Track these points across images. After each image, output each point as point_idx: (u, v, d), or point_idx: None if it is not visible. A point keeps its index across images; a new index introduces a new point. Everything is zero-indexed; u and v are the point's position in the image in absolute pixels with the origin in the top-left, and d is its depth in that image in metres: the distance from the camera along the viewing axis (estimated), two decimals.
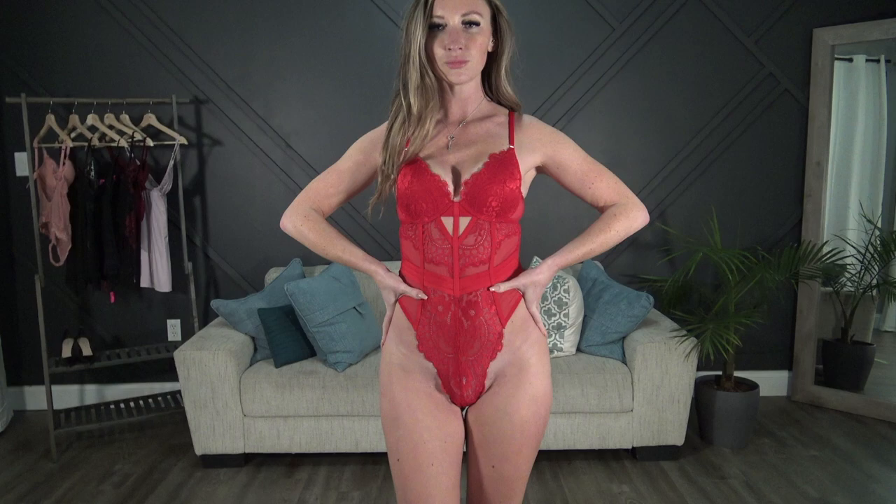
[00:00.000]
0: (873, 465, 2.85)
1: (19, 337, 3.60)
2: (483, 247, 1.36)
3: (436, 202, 1.35)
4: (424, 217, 1.36)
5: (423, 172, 1.36)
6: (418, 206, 1.36)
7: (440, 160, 1.38)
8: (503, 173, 1.35)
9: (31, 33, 3.40)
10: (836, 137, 3.48)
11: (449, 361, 1.40)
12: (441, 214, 1.36)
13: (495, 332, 1.39)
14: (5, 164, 3.48)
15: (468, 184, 1.35)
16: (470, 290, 1.37)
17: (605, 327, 2.97)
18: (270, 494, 2.68)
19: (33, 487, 2.77)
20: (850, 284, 3.41)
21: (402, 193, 1.37)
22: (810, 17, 3.44)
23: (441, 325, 1.39)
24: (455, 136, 1.41)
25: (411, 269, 1.42)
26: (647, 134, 3.54)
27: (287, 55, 3.45)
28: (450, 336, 1.38)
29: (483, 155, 1.38)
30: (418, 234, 1.38)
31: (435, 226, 1.36)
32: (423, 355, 1.42)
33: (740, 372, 3.52)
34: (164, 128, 3.30)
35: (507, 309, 1.40)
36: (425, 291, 1.40)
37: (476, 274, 1.37)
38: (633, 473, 2.80)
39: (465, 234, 1.36)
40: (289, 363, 2.93)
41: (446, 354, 1.40)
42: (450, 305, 1.37)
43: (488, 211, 1.35)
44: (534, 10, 3.43)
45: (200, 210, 3.56)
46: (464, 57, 1.33)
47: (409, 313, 1.44)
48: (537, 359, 1.44)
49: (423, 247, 1.38)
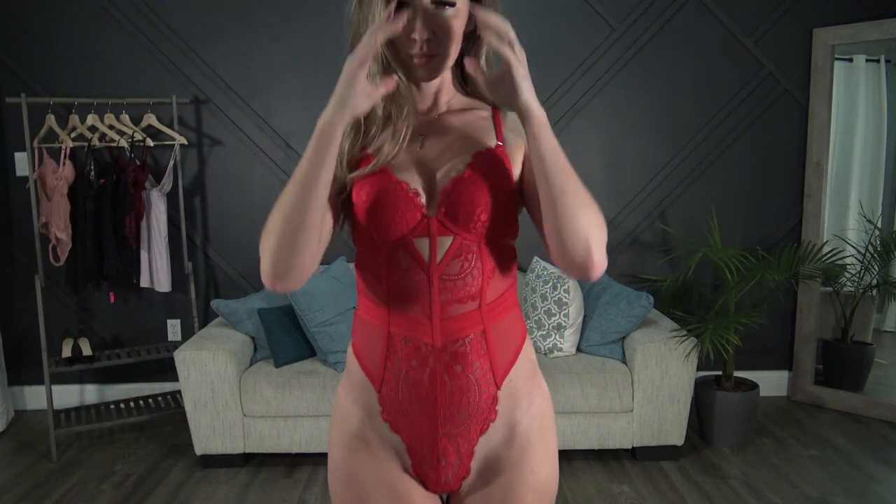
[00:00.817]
0: (873, 465, 2.85)
1: (19, 337, 3.60)
2: (471, 277, 1.02)
3: (404, 218, 1.00)
4: (389, 239, 1.02)
5: (383, 179, 1.02)
6: (380, 226, 1.01)
7: (406, 160, 1.04)
8: (494, 176, 1.02)
9: (31, 33, 3.40)
10: (836, 137, 3.48)
11: (424, 435, 1.05)
12: (412, 235, 1.01)
13: (488, 396, 1.04)
14: (5, 164, 3.48)
15: (448, 191, 1.01)
16: (455, 336, 1.02)
17: (604, 327, 2.97)
18: (270, 494, 2.68)
19: (33, 487, 2.77)
20: (850, 284, 3.41)
21: (358, 210, 1.03)
22: (810, 17, 3.44)
23: (414, 386, 1.03)
24: (427, 132, 1.08)
25: (372, 311, 1.06)
26: (647, 134, 3.54)
27: (287, 55, 3.45)
28: (426, 401, 1.03)
29: (465, 152, 1.04)
30: (381, 263, 1.03)
31: (404, 251, 1.01)
32: (388, 425, 1.06)
33: (740, 372, 3.52)
34: (164, 128, 3.30)
35: (504, 361, 1.06)
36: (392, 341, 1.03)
37: (463, 314, 1.02)
38: (633, 473, 2.80)
39: (446, 259, 1.01)
40: (289, 363, 2.93)
41: (420, 426, 1.04)
42: (427, 359, 1.02)
43: (476, 227, 1.01)
44: (534, 10, 3.43)
45: (200, 210, 3.56)
46: (434, 50, 1.00)
47: (367, 365, 1.07)
48: (540, 435, 1.09)
49: (387, 280, 1.03)
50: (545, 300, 3.02)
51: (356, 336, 1.10)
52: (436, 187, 1.02)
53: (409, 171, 1.03)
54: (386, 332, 1.04)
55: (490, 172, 1.02)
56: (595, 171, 3.54)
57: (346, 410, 1.10)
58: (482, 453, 1.07)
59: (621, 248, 3.61)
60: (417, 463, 1.07)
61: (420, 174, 1.03)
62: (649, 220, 3.60)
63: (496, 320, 1.05)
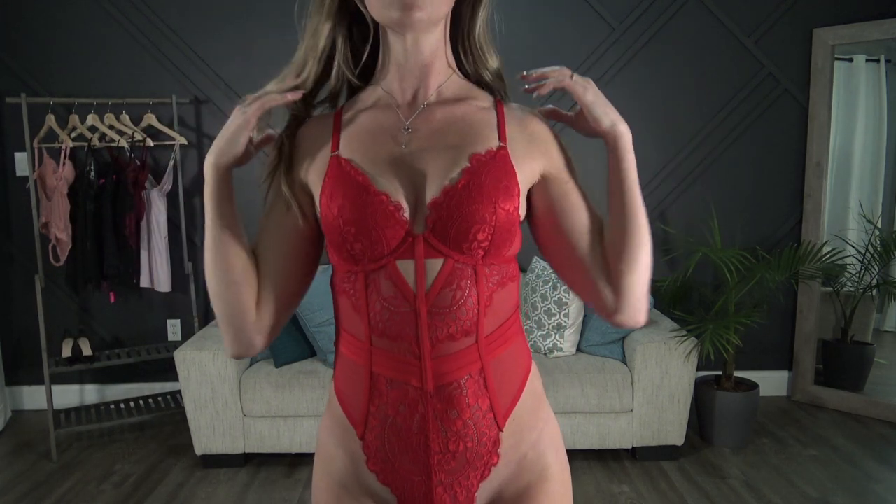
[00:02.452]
0: (873, 465, 2.85)
1: (19, 337, 3.60)
2: (466, 308, 0.86)
3: (383, 236, 0.85)
4: (368, 262, 0.86)
5: (360, 190, 0.85)
6: (355, 246, 0.85)
7: (389, 168, 0.87)
8: (495, 186, 0.86)
9: (31, 33, 3.40)
10: (836, 137, 3.48)
11: (415, 487, 0.90)
12: (393, 256, 0.85)
13: (488, 440, 0.89)
14: (5, 164, 3.48)
15: (438, 204, 0.85)
16: (449, 378, 0.87)
17: (604, 327, 2.97)
18: (270, 494, 2.68)
19: (33, 487, 2.77)
20: (850, 284, 3.41)
21: (332, 225, 0.86)
22: (810, 17, 3.43)
23: (402, 434, 0.88)
24: (413, 125, 0.90)
25: (352, 346, 0.91)
26: (647, 134, 3.54)
27: (287, 55, 3.43)
28: (418, 450, 0.88)
29: (459, 155, 0.87)
30: (358, 290, 0.87)
31: (385, 276, 0.86)
32: (375, 476, 0.91)
33: (740, 372, 3.52)
34: (164, 128, 3.30)
35: (507, 399, 0.91)
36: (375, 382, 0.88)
37: (457, 352, 0.87)
38: (632, 473, 2.80)
39: (435, 287, 0.85)
40: (289, 363, 2.93)
41: (410, 477, 0.90)
42: (416, 405, 0.87)
43: (472, 248, 0.85)
44: (534, 10, 3.43)
45: (200, 210, 3.56)
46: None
47: (348, 409, 0.92)
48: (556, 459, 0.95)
49: (367, 311, 0.87)
50: (545, 300, 3.02)
51: (338, 373, 0.94)
52: (423, 199, 0.86)
53: (389, 180, 0.86)
54: (368, 372, 0.88)
55: (490, 181, 0.85)
56: (595, 171, 3.52)
57: (329, 452, 0.96)
58: (485, 498, 0.93)
59: None
60: None
61: (403, 183, 0.86)
62: (649, 220, 3.57)
63: (495, 354, 0.89)
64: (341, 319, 0.93)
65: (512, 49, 3.60)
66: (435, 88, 0.93)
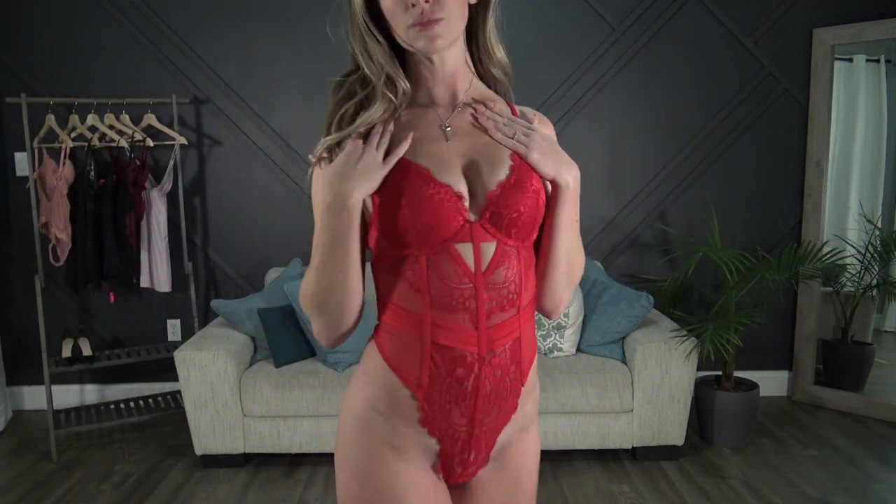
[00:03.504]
0: (873, 465, 2.85)
1: (19, 337, 3.60)
2: (513, 283, 1.02)
3: (449, 224, 0.98)
4: (429, 246, 0.98)
5: (423, 182, 0.98)
6: (421, 232, 0.97)
7: (445, 162, 1.01)
8: (532, 182, 1.02)
9: (31, 33, 3.40)
10: (836, 137, 3.48)
11: (460, 436, 1.06)
12: (454, 240, 0.98)
13: (514, 395, 1.07)
14: (5, 164, 3.48)
15: (493, 197, 0.99)
16: (498, 344, 1.02)
17: (605, 327, 2.97)
18: (270, 494, 2.68)
19: (33, 487, 2.77)
20: (850, 284, 3.41)
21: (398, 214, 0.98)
22: (810, 17, 3.43)
23: (459, 394, 1.02)
24: (451, 124, 1.05)
25: (406, 320, 1.02)
26: (647, 134, 3.54)
27: (287, 55, 3.45)
28: (469, 406, 1.03)
29: (502, 154, 1.02)
30: (420, 271, 0.99)
31: (447, 258, 0.99)
32: (427, 430, 1.05)
33: (740, 372, 3.52)
34: (164, 128, 3.30)
35: (529, 360, 1.08)
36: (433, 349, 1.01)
37: (504, 321, 1.02)
38: (632, 473, 2.80)
39: (491, 267, 1.00)
40: (289, 363, 2.93)
41: (459, 428, 1.05)
42: (472, 367, 1.01)
43: (518, 234, 1.01)
44: (534, 10, 3.43)
45: (200, 210, 3.55)
46: (435, 13, 0.95)
47: (407, 377, 1.03)
48: (535, 411, 1.16)
49: (428, 288, 0.99)
50: None
51: (386, 344, 1.05)
52: (476, 190, 1.00)
53: (451, 174, 1.00)
54: (425, 341, 1.01)
55: (529, 177, 1.01)
56: (595, 171, 3.54)
57: (370, 419, 1.06)
58: (500, 442, 1.11)
59: (621, 248, 3.61)
60: (447, 461, 1.08)
61: (461, 176, 1.01)
62: (649, 220, 3.60)
63: (528, 323, 1.06)
64: (391, 296, 1.03)
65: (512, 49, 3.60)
66: (463, 91, 1.07)
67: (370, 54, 1.01)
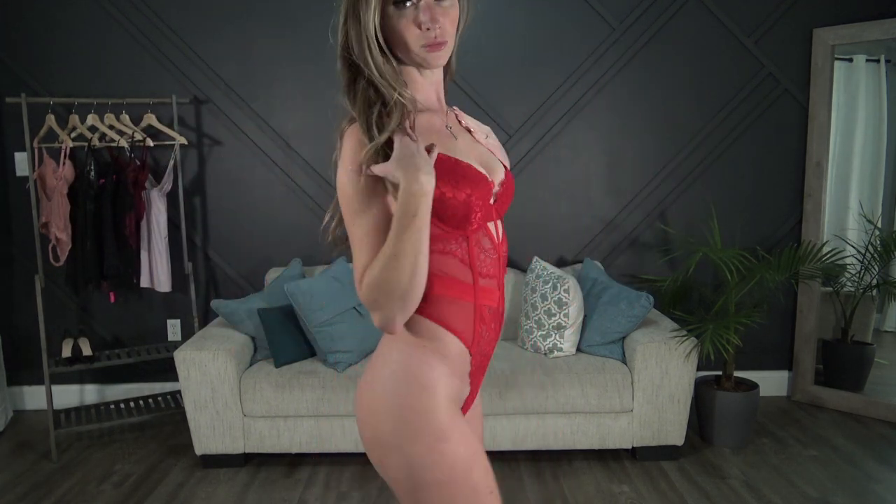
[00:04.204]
0: (873, 465, 2.85)
1: (19, 337, 3.60)
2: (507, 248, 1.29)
3: (490, 208, 1.20)
4: (475, 226, 1.18)
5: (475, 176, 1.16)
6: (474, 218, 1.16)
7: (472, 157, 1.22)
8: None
9: (31, 33, 3.40)
10: (836, 137, 3.48)
11: (482, 375, 1.29)
12: (488, 220, 1.21)
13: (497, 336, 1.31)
14: (5, 164, 3.48)
15: (506, 182, 1.25)
16: (503, 297, 1.28)
17: (605, 327, 2.97)
18: (270, 494, 2.68)
19: (33, 487, 2.77)
20: (850, 284, 3.41)
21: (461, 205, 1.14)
22: (810, 17, 3.44)
23: (489, 343, 1.25)
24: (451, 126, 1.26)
25: (458, 288, 1.19)
26: (647, 134, 3.54)
27: (287, 55, 3.45)
28: (491, 343, 1.26)
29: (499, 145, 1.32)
30: (470, 248, 1.18)
31: (484, 234, 1.20)
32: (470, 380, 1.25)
33: (740, 372, 3.52)
34: (164, 128, 3.30)
35: None
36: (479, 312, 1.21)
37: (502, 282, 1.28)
38: (632, 473, 2.80)
39: (503, 237, 1.26)
40: (289, 363, 2.93)
41: (483, 370, 1.28)
42: (498, 319, 1.26)
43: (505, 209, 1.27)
44: (533, 11, 3.43)
45: (200, 210, 3.56)
46: (443, 37, 1.14)
47: (462, 335, 1.20)
48: None
49: (474, 262, 1.19)
50: (545, 300, 3.02)
51: (441, 312, 1.17)
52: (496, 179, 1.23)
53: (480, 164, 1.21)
54: (476, 305, 1.20)
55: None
56: (595, 171, 3.54)
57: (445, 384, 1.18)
58: None
59: (621, 248, 3.61)
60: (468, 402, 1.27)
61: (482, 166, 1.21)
62: (649, 220, 3.60)
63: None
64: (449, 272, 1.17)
65: (512, 49, 3.61)
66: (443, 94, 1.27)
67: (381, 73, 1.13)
